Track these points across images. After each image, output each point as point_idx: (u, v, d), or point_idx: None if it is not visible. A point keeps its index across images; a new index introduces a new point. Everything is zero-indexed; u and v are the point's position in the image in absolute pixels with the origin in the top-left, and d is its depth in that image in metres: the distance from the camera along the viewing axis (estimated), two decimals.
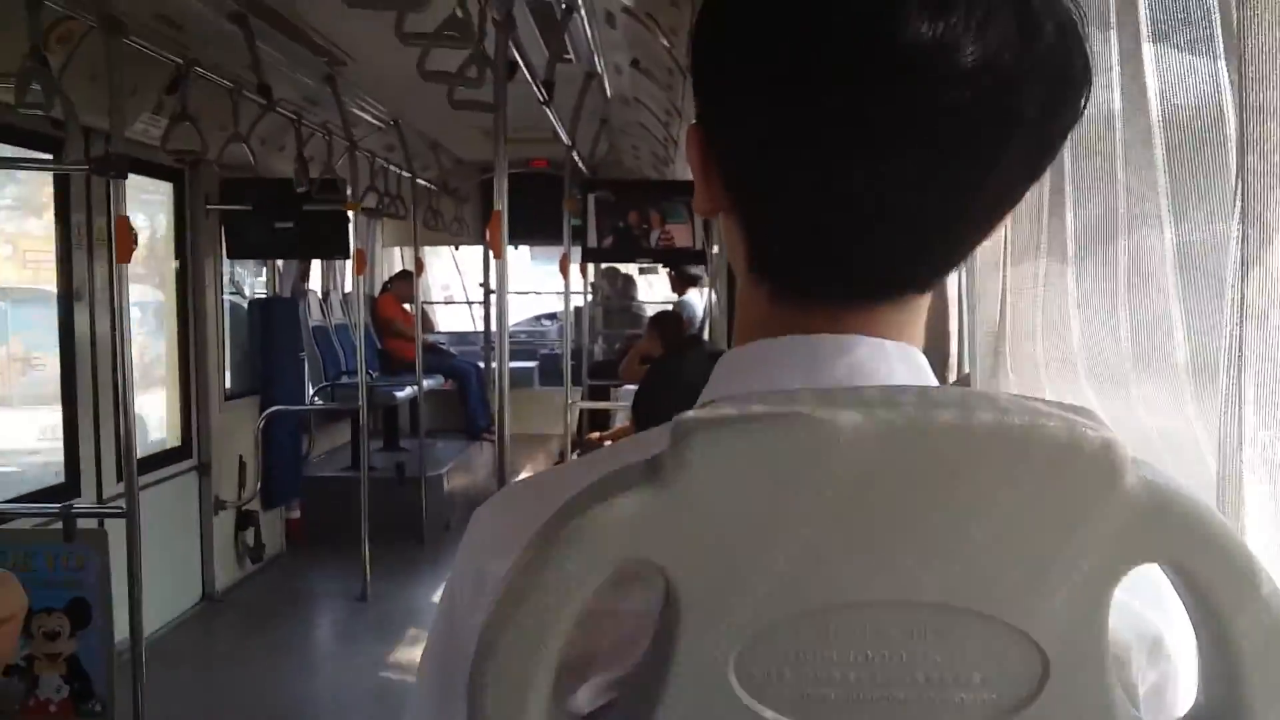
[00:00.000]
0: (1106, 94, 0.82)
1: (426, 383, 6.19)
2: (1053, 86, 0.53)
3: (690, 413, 0.46)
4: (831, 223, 0.55)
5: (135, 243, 2.65)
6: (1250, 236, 0.66)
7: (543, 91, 3.41)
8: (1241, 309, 0.68)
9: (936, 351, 1.24)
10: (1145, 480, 0.43)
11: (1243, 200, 0.67)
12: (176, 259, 4.62)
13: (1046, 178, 0.91)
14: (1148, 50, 0.78)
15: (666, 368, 2.21)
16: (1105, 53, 0.82)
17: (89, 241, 3.76)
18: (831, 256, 0.56)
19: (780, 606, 0.45)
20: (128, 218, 2.67)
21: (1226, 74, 0.69)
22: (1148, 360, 0.78)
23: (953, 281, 1.23)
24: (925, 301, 0.61)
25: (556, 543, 0.46)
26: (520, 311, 9.61)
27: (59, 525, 2.69)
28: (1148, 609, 0.56)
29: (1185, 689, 0.59)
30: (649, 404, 2.06)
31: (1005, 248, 0.95)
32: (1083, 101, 0.56)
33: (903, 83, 0.51)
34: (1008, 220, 0.64)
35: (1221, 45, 0.69)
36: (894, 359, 0.59)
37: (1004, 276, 0.97)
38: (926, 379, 0.60)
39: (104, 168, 2.73)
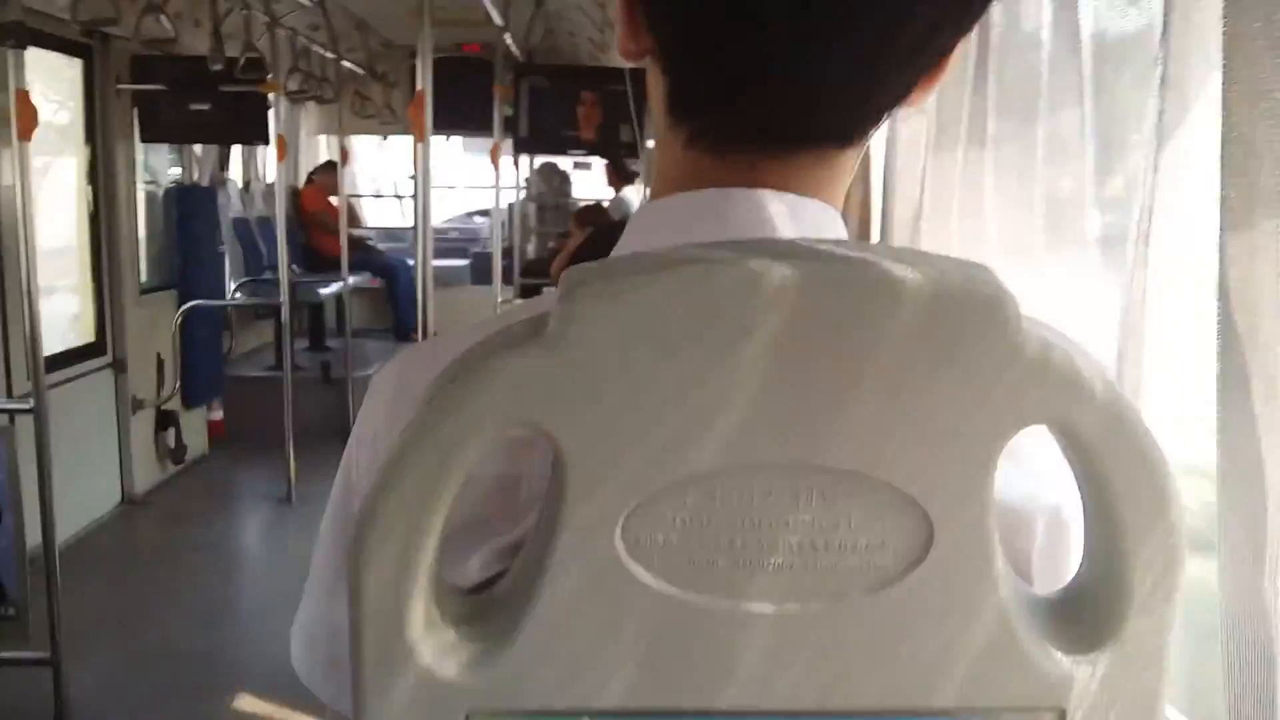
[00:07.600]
0: None
1: (353, 279, 6.05)
2: None
3: (578, 267, 0.43)
4: (750, 57, 0.53)
5: (36, 119, 2.50)
6: (1170, 100, 0.66)
7: None
8: (1154, 176, 0.67)
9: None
10: (1035, 335, 0.42)
11: (1164, 66, 0.66)
12: (86, 143, 4.39)
13: (972, 50, 0.90)
14: None
15: (590, 254, 2.17)
16: None
17: None
18: (748, 96, 0.54)
19: (666, 471, 0.44)
20: (28, 91, 2.51)
21: None
22: (1058, 233, 0.78)
23: (878, 166, 1.22)
24: (846, 160, 0.59)
25: (437, 405, 0.44)
26: (453, 207, 9.40)
27: None
28: (1047, 479, 0.56)
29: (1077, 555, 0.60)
30: None
31: (928, 126, 0.93)
32: None
33: None
34: (932, 99, 0.61)
35: None
36: (808, 216, 0.57)
37: (925, 153, 0.95)
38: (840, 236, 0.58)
39: (1, 36, 2.56)
